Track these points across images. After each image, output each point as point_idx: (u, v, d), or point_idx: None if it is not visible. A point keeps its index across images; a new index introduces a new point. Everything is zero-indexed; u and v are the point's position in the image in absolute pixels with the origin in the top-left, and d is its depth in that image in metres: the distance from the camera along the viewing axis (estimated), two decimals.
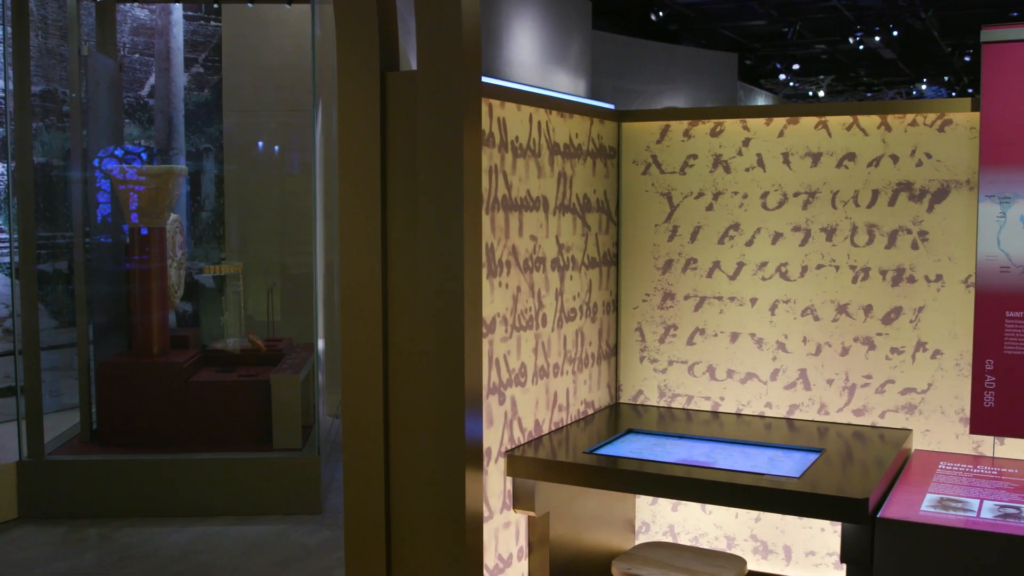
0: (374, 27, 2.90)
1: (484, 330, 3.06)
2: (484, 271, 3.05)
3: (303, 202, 7.62)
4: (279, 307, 8.12)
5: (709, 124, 3.78)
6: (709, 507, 3.91)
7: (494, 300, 3.12)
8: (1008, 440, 3.43)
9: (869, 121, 3.55)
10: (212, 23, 8.79)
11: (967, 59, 20.16)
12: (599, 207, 3.80)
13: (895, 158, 3.52)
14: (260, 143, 8.68)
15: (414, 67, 2.84)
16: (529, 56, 11.63)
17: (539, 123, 3.36)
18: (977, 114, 3.36)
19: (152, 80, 8.72)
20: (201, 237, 8.69)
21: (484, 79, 2.95)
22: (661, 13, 16.30)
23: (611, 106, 10.97)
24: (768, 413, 3.77)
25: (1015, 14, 16.53)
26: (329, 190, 7.41)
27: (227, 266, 7.79)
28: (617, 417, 3.78)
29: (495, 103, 3.10)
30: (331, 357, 7.85)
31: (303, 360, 6.82)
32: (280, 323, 8.04)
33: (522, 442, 3.33)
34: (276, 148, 8.67)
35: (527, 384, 3.34)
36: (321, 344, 7.00)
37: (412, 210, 2.88)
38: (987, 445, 3.47)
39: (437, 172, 2.80)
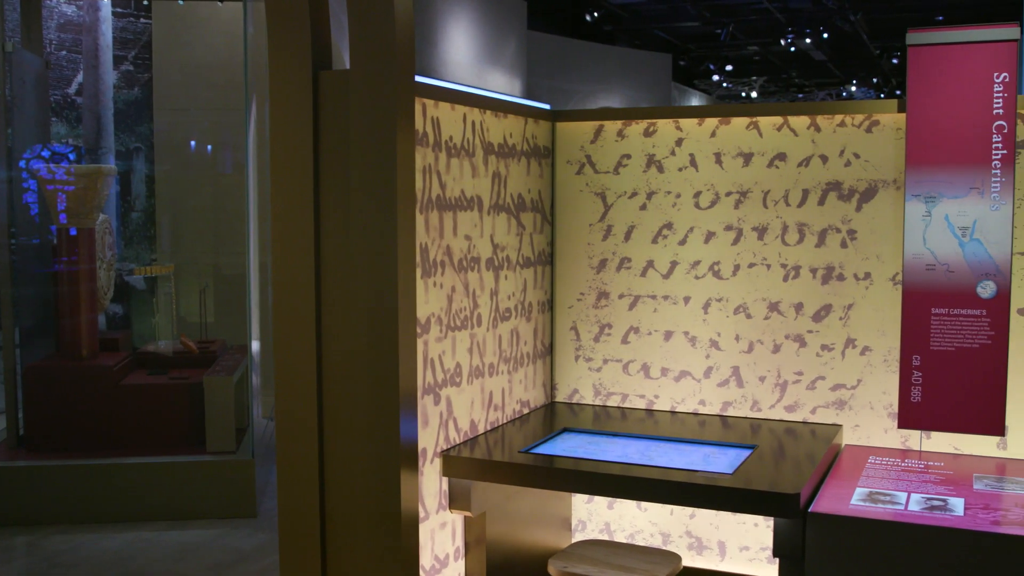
0: (306, 25, 2.88)
1: (419, 330, 3.05)
2: (418, 271, 3.04)
3: (236, 202, 7.53)
4: (212, 308, 8.01)
5: (642, 124, 3.80)
6: (645, 504, 3.93)
7: (428, 300, 3.12)
8: (935, 434, 3.50)
9: (799, 122, 3.60)
10: (142, 20, 8.65)
11: (895, 61, 20.54)
12: (534, 207, 3.81)
13: (824, 158, 3.57)
14: (192, 142, 8.55)
15: (348, 66, 2.83)
16: (464, 56, 11.62)
17: (473, 123, 3.35)
18: (903, 115, 3.43)
19: (80, 78, 8.56)
20: (131, 238, 8.55)
21: (418, 79, 2.94)
22: (596, 14, 16.38)
23: (546, 106, 10.98)
24: (702, 410, 3.81)
25: (941, 18, 16.88)
26: (263, 190, 7.33)
27: (158, 267, 7.67)
28: (553, 416, 3.79)
29: (429, 103, 3.09)
30: (266, 359, 7.76)
31: (237, 362, 6.74)
32: (213, 325, 7.93)
33: (458, 442, 3.33)
34: (209, 147, 8.56)
35: (462, 384, 3.34)
36: (256, 346, 6.92)
37: (345, 210, 2.86)
38: (914, 439, 3.54)
39: (370, 172, 2.79)
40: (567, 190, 3.94)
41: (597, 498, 4.01)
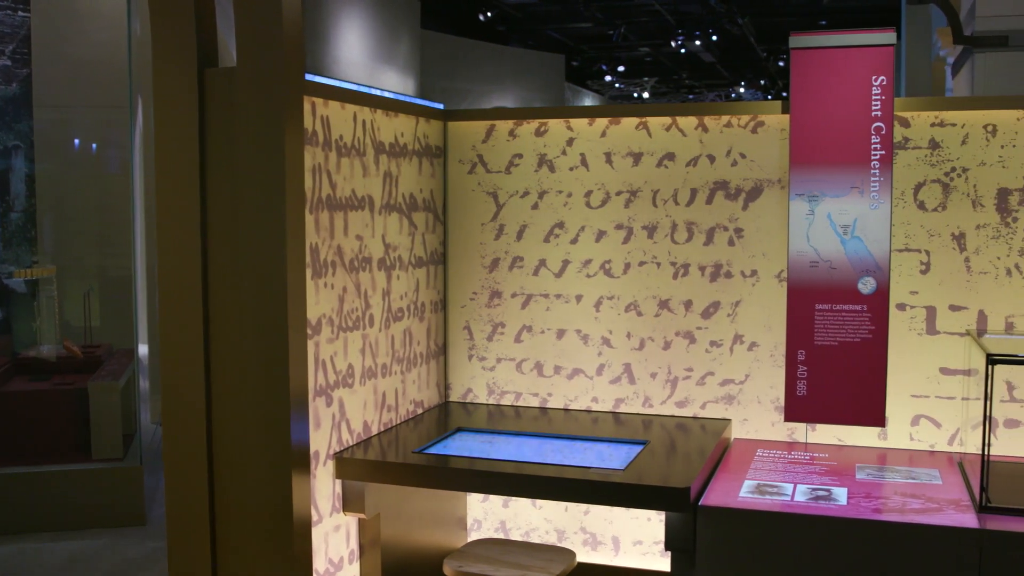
0: (191, 21, 2.82)
1: (309, 331, 3.02)
2: (308, 272, 3.00)
3: (121, 202, 7.34)
4: (97, 312, 7.79)
5: (534, 124, 3.82)
6: (539, 502, 3.96)
7: (319, 301, 3.08)
8: (819, 426, 3.60)
9: (687, 122, 3.66)
10: (20, 13, 8.37)
11: (781, 64, 21.07)
12: (426, 206, 3.80)
13: (712, 158, 3.64)
14: (76, 140, 8.31)
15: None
16: (357, 54, 11.53)
17: (364, 122, 3.33)
18: (787, 116, 3.51)
19: None
20: (11, 239, 8.26)
21: (309, 77, 2.90)
22: (489, 14, 16.42)
23: (440, 105, 10.97)
24: (595, 407, 3.85)
25: (824, 23, 17.37)
26: (150, 189, 7.16)
27: (39, 269, 7.43)
28: (447, 416, 3.79)
29: (318, 101, 3.06)
30: (155, 363, 7.58)
31: (123, 366, 6.57)
32: (99, 328, 7.71)
33: (351, 444, 3.30)
34: (93, 146, 8.32)
35: (355, 385, 3.31)
36: (144, 349, 6.77)
37: (233, 210, 2.81)
38: (800, 432, 3.63)
39: (258, 171, 2.75)
40: (459, 189, 3.94)
41: (492, 497, 4.02)
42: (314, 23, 10.48)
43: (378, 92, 10.91)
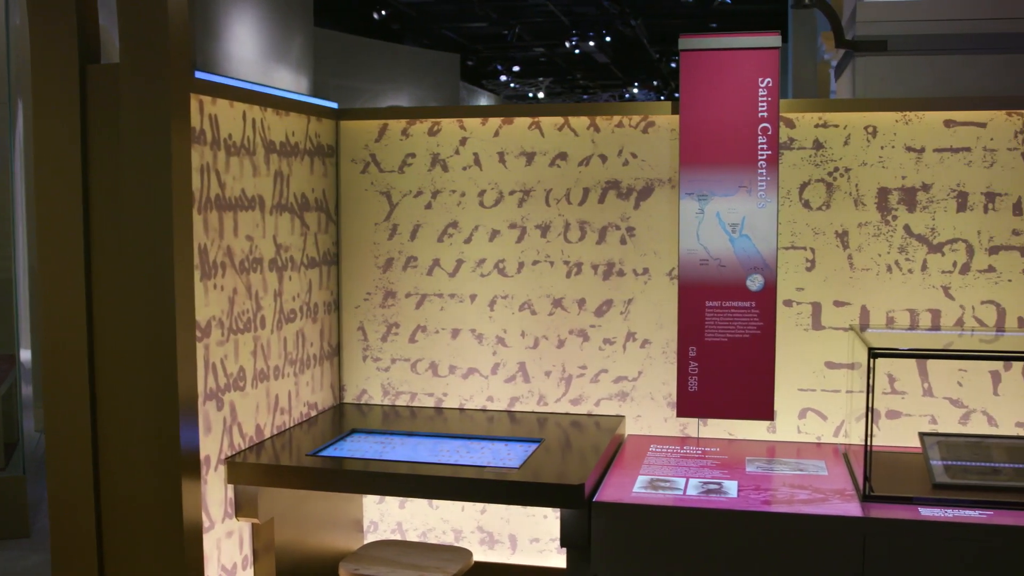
0: (72, 15, 2.74)
1: (199, 334, 2.95)
2: (197, 273, 2.94)
3: (1, 203, 7.09)
4: None
5: (427, 123, 3.81)
6: (436, 502, 3.95)
7: (209, 303, 3.02)
8: (711, 421, 3.67)
9: (579, 122, 3.69)
10: None
11: (673, 65, 21.40)
12: (318, 206, 3.75)
13: (604, 158, 3.68)
14: None
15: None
16: (249, 52, 11.34)
17: (254, 120, 3.27)
18: (677, 116, 3.57)
19: None
20: None
21: (199, 74, 2.84)
22: (384, 12, 16.32)
23: (334, 104, 10.85)
24: (490, 406, 3.86)
25: (714, 25, 17.70)
26: (32, 190, 6.93)
27: None
28: (341, 418, 3.75)
29: (206, 99, 3.00)
30: (38, 368, 7.35)
31: (4, 373, 6.35)
32: None
33: (243, 448, 3.24)
34: None
35: (247, 388, 3.25)
36: (27, 355, 6.55)
37: (117, 211, 2.74)
38: (692, 427, 3.69)
39: (143, 170, 2.68)
40: (352, 189, 3.90)
41: (388, 498, 4.00)
42: (204, 19, 10.28)
43: (271, 90, 10.75)
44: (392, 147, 3.85)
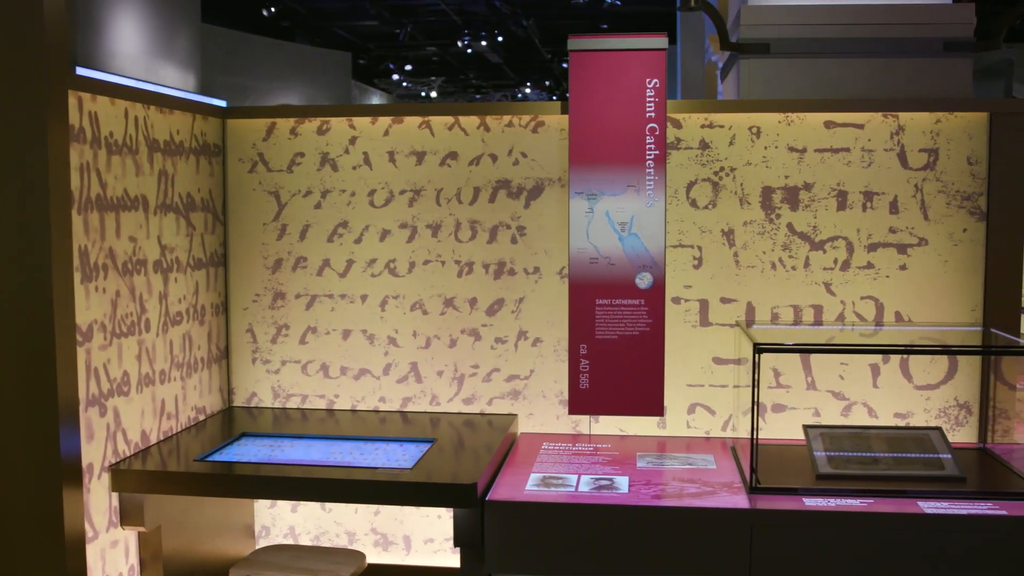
0: None
1: (80, 338, 2.87)
2: (77, 275, 2.86)
3: None
4: None
5: (316, 122, 3.77)
6: (329, 505, 3.91)
7: (90, 306, 2.94)
8: (602, 418, 3.71)
9: (469, 122, 3.69)
10: None
11: (565, 66, 21.56)
12: (204, 206, 3.68)
13: (494, 157, 3.69)
14: None
15: None
16: (133, 47, 11.06)
17: (136, 118, 3.19)
18: (567, 116, 3.59)
19: None
20: None
21: (79, 70, 2.76)
22: (273, 9, 16.09)
23: (223, 102, 10.66)
24: (382, 407, 3.83)
25: (605, 26, 17.89)
26: None
27: None
28: (231, 421, 3.68)
29: (85, 96, 2.91)
30: None
31: None
32: None
33: (128, 455, 3.16)
34: None
35: (131, 393, 3.17)
36: None
37: None
38: (584, 424, 3.73)
39: (18, 170, 2.59)
40: (239, 189, 3.83)
41: (280, 502, 3.94)
42: (86, 13, 9.99)
43: (156, 87, 10.49)
44: (280, 146, 3.79)
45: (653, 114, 3.48)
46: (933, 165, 3.52)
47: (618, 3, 15.82)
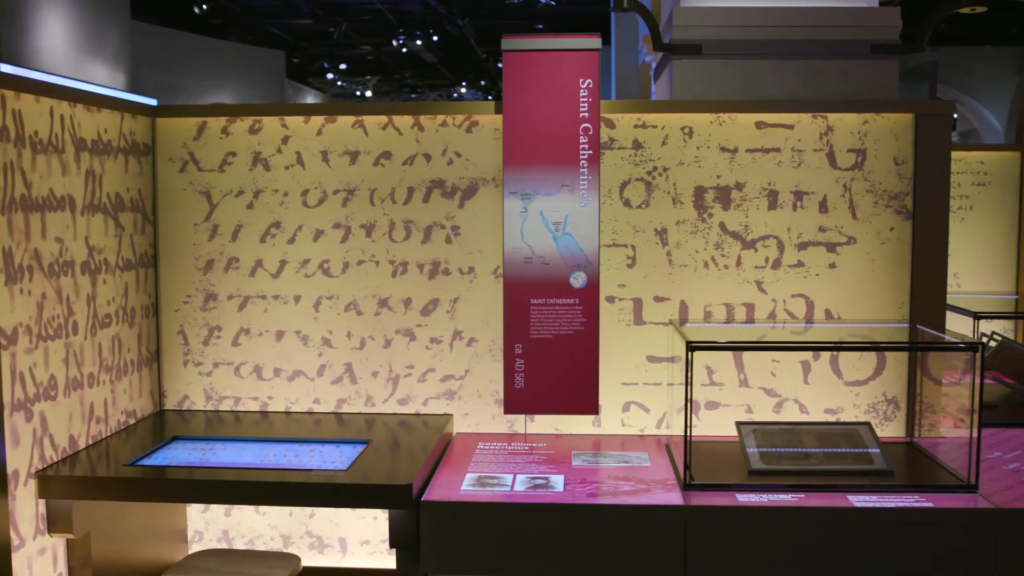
0: None
1: (4, 341, 2.81)
2: (1, 277, 2.79)
3: None
4: None
5: (247, 121, 3.72)
6: (263, 508, 3.87)
7: (15, 308, 2.87)
8: (537, 417, 3.71)
9: (403, 121, 3.68)
10: None
11: (500, 66, 21.55)
12: (133, 206, 3.62)
13: (428, 157, 3.68)
14: None
15: None
16: (60, 44, 10.84)
17: (62, 117, 3.13)
18: (501, 116, 3.59)
19: None
20: None
21: (2, 67, 2.70)
22: (205, 6, 15.87)
23: (153, 101, 10.50)
24: (317, 409, 3.80)
25: (541, 26, 17.94)
26: None
27: None
28: (162, 425, 3.63)
29: (9, 93, 2.85)
30: None
31: None
32: None
33: (55, 460, 3.10)
34: None
35: (58, 397, 3.11)
36: None
37: None
38: (520, 423, 3.73)
39: None
40: (170, 189, 3.78)
41: (213, 506, 3.89)
42: (10, 8, 9.77)
43: (84, 85, 10.30)
44: (212, 145, 3.75)
45: (587, 114, 3.49)
46: (861, 165, 3.59)
47: (553, 3, 15.87)
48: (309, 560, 3.86)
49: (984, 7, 4.68)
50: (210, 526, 3.91)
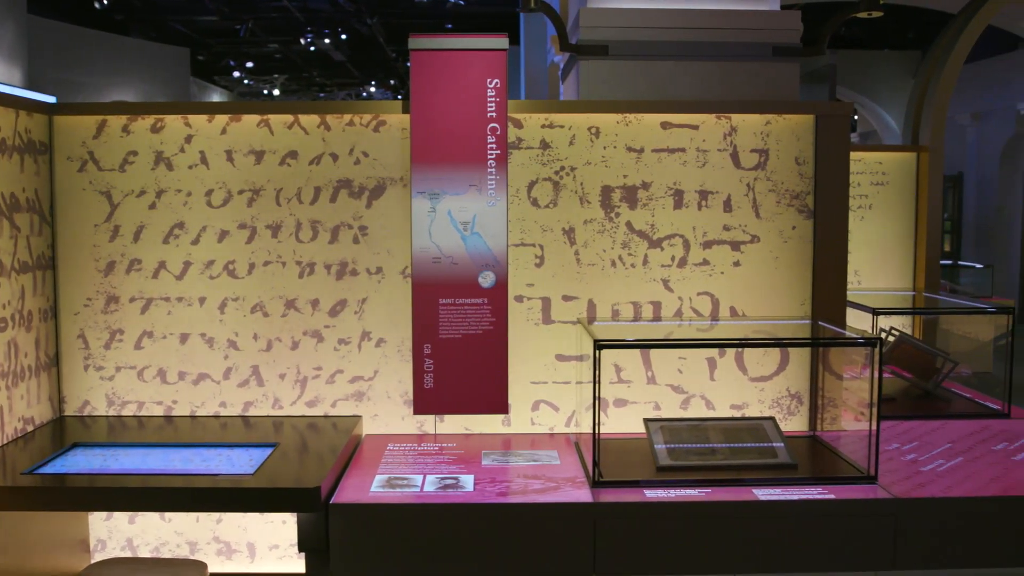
0: None
1: None
2: None
3: None
4: None
5: (149, 120, 3.65)
6: (168, 515, 3.79)
7: None
8: (447, 417, 3.71)
9: (309, 120, 3.64)
10: None
11: (409, 65, 21.50)
12: (29, 207, 3.52)
13: (335, 156, 3.64)
14: None
15: None
16: None
17: None
18: (408, 116, 3.58)
19: None
20: None
21: None
22: (106, 1, 15.51)
23: (52, 98, 10.22)
24: (223, 412, 3.74)
25: (450, 26, 17.92)
26: None
27: None
28: (62, 431, 3.53)
29: None
30: None
31: None
32: None
33: None
34: None
35: None
36: None
37: None
38: (430, 424, 3.72)
39: None
40: (68, 189, 3.68)
41: (116, 514, 3.80)
42: None
43: None
44: (112, 144, 3.66)
45: (494, 114, 3.50)
46: (764, 165, 3.66)
47: (462, 3, 15.87)
48: (216, 566, 3.80)
49: (881, 12, 4.81)
50: (113, 534, 3.82)
